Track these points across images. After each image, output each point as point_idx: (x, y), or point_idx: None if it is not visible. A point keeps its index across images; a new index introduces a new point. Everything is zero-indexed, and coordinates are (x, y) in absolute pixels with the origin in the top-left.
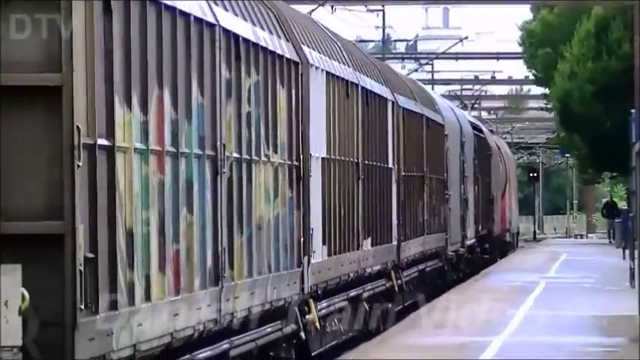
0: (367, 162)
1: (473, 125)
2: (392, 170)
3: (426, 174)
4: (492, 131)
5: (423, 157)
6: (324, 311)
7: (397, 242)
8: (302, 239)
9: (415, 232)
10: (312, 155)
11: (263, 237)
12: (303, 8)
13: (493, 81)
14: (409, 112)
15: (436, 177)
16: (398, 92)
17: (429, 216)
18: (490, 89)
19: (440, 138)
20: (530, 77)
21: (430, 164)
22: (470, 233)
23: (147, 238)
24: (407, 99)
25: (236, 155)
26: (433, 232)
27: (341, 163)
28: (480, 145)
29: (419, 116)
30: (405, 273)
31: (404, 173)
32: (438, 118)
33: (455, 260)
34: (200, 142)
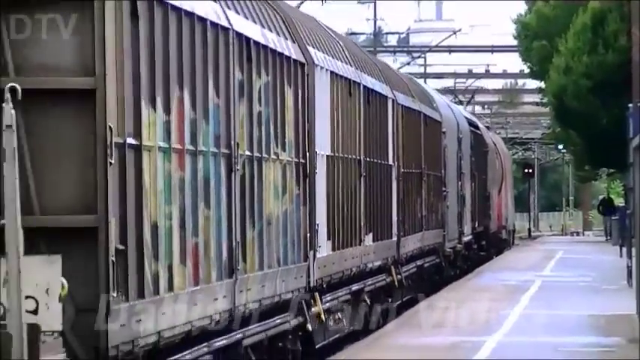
0: (369, 159)
1: (469, 122)
2: (392, 167)
3: (424, 171)
4: (488, 127)
5: (422, 154)
6: (329, 304)
7: (397, 238)
8: (308, 234)
9: (414, 229)
10: (317, 153)
11: (272, 232)
12: (292, 2)
13: (487, 75)
14: (408, 110)
15: (434, 174)
16: (397, 90)
17: (427, 212)
18: (484, 83)
19: (437, 135)
20: (525, 71)
21: (428, 161)
22: (467, 230)
23: (169, 232)
24: (405, 96)
25: (248, 153)
26: (431, 229)
27: (344, 161)
28: (477, 142)
29: (417, 113)
30: (404, 268)
31: (403, 170)
32: (436, 115)
33: (452, 257)
34: (216, 141)
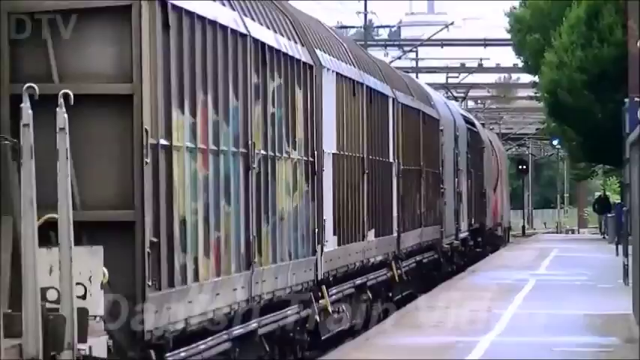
0: (371, 157)
1: (466, 119)
2: (392, 164)
3: (423, 168)
4: (484, 125)
5: (420, 152)
6: (334, 297)
7: (397, 234)
8: (316, 229)
9: (413, 225)
10: (324, 151)
11: (284, 227)
12: None
13: (480, 69)
14: (407, 108)
15: (432, 171)
16: (397, 89)
17: (426, 209)
18: (477, 77)
19: (435, 132)
20: (519, 65)
21: (427, 158)
22: (463, 226)
23: (195, 226)
24: (405, 95)
25: (263, 152)
26: (429, 225)
27: (349, 159)
28: (473, 139)
29: (416, 112)
30: (404, 264)
31: (403, 167)
32: (434, 113)
33: (450, 252)
34: (235, 141)
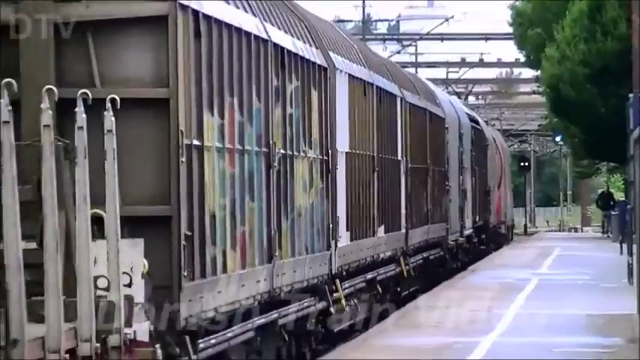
0: (381, 155)
1: (470, 117)
2: (400, 162)
3: (430, 166)
4: (487, 122)
5: (427, 150)
6: (347, 291)
7: (405, 230)
8: (331, 225)
9: (420, 222)
10: (337, 150)
11: (302, 222)
12: None
13: (481, 64)
14: (414, 107)
15: (438, 169)
16: (404, 88)
17: (432, 206)
18: (478, 72)
19: (441, 131)
20: (520, 59)
21: (433, 156)
22: (468, 224)
23: (223, 221)
24: (412, 94)
25: (282, 151)
26: (436, 222)
27: (360, 157)
28: (477, 137)
29: (423, 110)
30: (412, 260)
31: (410, 165)
32: (439, 112)
33: (455, 249)
34: (258, 141)
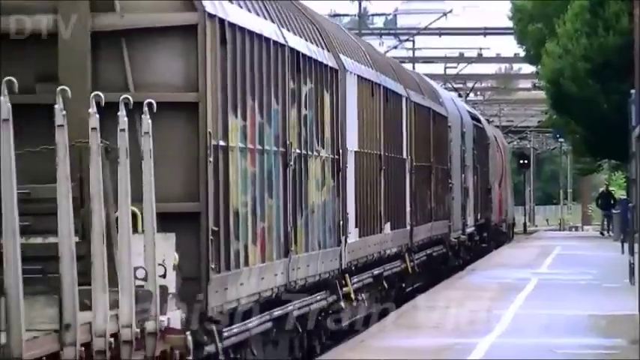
0: (387, 154)
1: (472, 115)
2: (405, 161)
3: (433, 164)
4: (488, 120)
5: (430, 148)
6: (355, 286)
7: (410, 227)
8: (341, 222)
9: (424, 219)
10: (347, 149)
11: (315, 219)
12: None
13: (480, 59)
14: (419, 106)
15: (441, 167)
16: (409, 87)
17: (436, 204)
18: (477, 68)
19: (444, 129)
20: (520, 54)
21: (436, 155)
22: (470, 221)
23: (245, 217)
24: (416, 94)
25: (297, 151)
26: (439, 219)
27: (368, 156)
28: (479, 135)
29: (427, 109)
30: (416, 256)
31: (415, 163)
32: (442, 111)
33: (457, 247)
34: (276, 141)
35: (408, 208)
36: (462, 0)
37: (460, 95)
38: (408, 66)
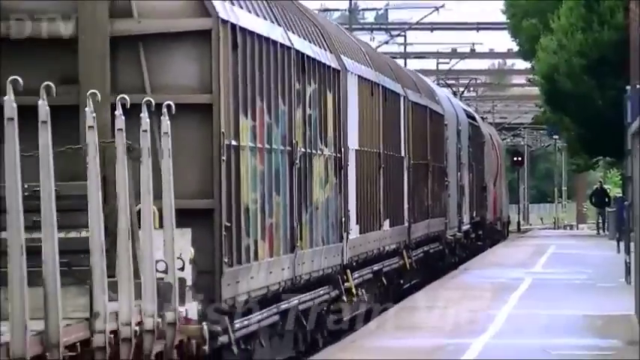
0: (386, 152)
1: (467, 114)
2: (403, 159)
3: (430, 162)
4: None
5: (427, 146)
6: (356, 281)
7: (408, 224)
8: (343, 219)
9: (421, 216)
10: (349, 148)
11: (318, 216)
12: None
13: (472, 54)
14: (416, 105)
15: (438, 165)
16: (406, 87)
17: (432, 201)
18: (469, 64)
19: (440, 127)
20: (514, 49)
21: (433, 153)
22: (465, 219)
23: (255, 213)
24: (414, 92)
25: (302, 150)
26: (436, 217)
27: (368, 154)
28: (474, 133)
29: (424, 108)
30: (414, 253)
31: (412, 161)
32: (439, 109)
33: (453, 244)
34: (282, 140)
35: (406, 206)
36: None
37: (455, 94)
38: (400, 62)
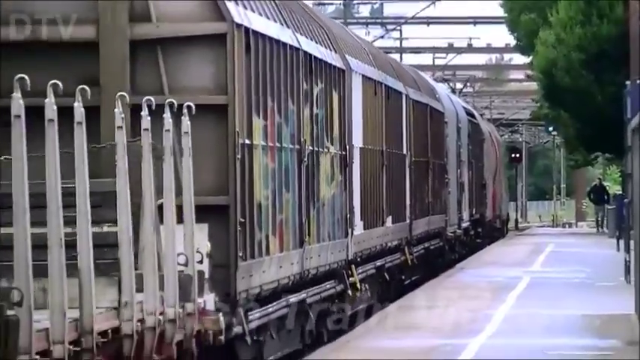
0: (388, 150)
1: (467, 111)
2: (405, 156)
3: (431, 159)
4: (482, 115)
5: (428, 144)
6: (360, 277)
7: (409, 221)
8: (348, 215)
9: (422, 213)
10: (353, 145)
11: (325, 212)
12: None
13: (469, 49)
14: (417, 103)
15: (438, 162)
16: (408, 85)
17: (433, 198)
18: (466, 58)
19: (441, 125)
20: (511, 44)
21: (433, 150)
22: (465, 216)
23: (267, 209)
24: (415, 91)
25: (310, 148)
26: (436, 214)
27: (371, 152)
28: (474, 131)
29: (425, 106)
30: (415, 249)
31: (414, 159)
32: (439, 107)
33: (453, 241)
34: (292, 139)
35: (408, 202)
36: None
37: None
38: (395, 56)
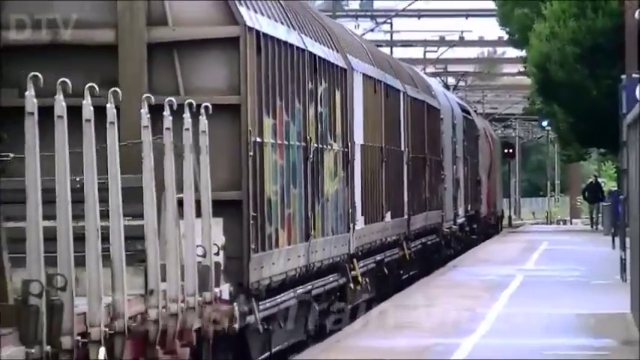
0: (387, 146)
1: (462, 108)
2: (403, 153)
3: (427, 155)
4: (476, 111)
5: (425, 140)
6: (361, 270)
7: (407, 216)
8: (350, 210)
9: (420, 209)
10: (355, 142)
11: (329, 207)
12: None
13: (461, 42)
14: (414, 100)
15: (434, 158)
16: (405, 82)
17: (429, 194)
18: (458, 52)
19: (437, 121)
20: (504, 37)
21: (430, 146)
22: (461, 212)
23: (276, 204)
24: (412, 88)
25: (315, 145)
26: (433, 209)
27: (371, 149)
28: (469, 127)
29: (421, 103)
30: (412, 244)
31: (411, 155)
32: (435, 103)
33: (449, 237)
34: (298, 137)
35: (406, 198)
36: None
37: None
38: (386, 50)
